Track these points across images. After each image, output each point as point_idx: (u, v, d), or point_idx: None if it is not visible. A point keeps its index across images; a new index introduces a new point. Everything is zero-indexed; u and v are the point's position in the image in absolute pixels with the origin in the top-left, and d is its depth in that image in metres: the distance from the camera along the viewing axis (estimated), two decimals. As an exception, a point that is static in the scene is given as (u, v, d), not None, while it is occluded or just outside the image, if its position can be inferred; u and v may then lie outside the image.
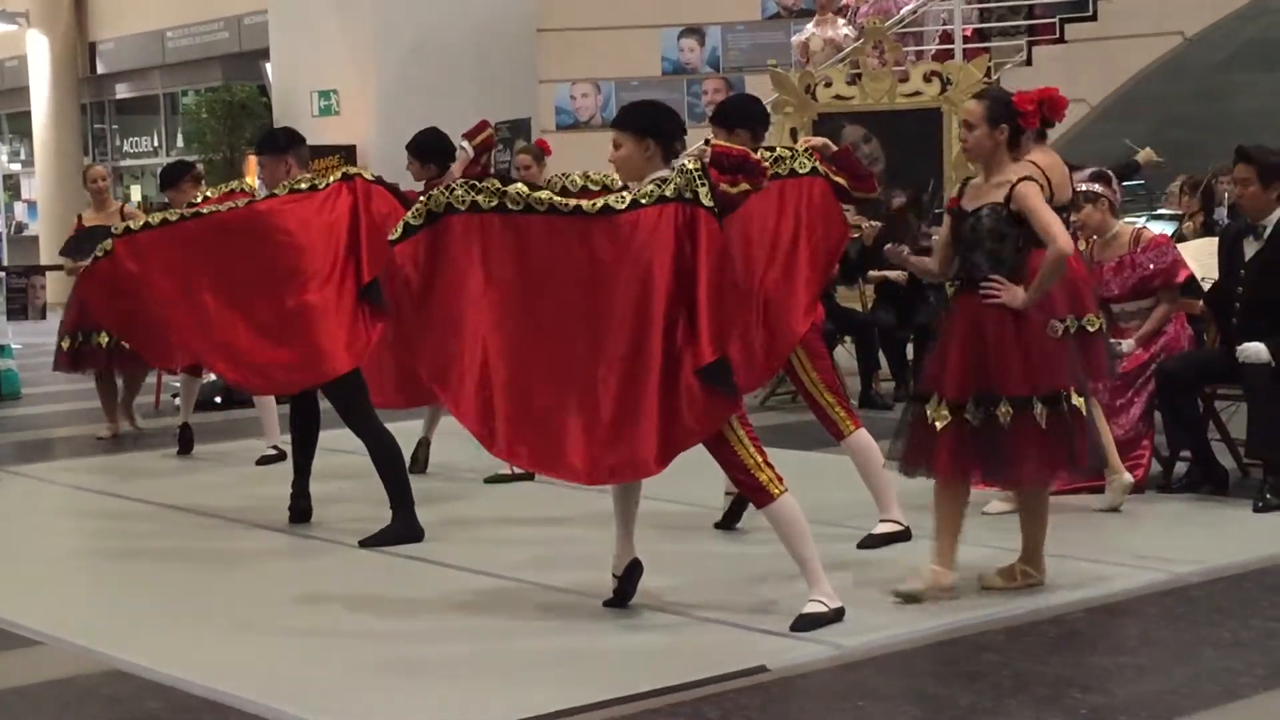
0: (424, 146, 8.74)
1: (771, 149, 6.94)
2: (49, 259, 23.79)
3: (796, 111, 13.75)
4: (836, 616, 5.64)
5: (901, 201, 11.89)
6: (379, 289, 7.01)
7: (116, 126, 30.24)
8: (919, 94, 13.54)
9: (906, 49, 15.00)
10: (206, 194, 8.59)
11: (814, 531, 6.17)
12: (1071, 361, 6.14)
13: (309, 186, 7.38)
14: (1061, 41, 15.77)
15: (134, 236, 7.46)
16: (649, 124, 5.74)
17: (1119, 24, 15.40)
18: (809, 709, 4.89)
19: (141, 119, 29.69)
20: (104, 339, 10.48)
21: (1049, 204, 6.18)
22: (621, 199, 5.55)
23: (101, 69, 29.36)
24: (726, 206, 5.62)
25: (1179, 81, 15.73)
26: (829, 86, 13.88)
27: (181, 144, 27.07)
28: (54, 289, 16.35)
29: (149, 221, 7.54)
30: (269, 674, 5.35)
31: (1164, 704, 4.83)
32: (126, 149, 29.72)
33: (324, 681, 5.27)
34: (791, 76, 14.19)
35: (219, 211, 7.48)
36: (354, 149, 21.28)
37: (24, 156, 30.77)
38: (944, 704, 4.87)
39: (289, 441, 8.02)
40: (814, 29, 15.60)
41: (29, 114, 27.96)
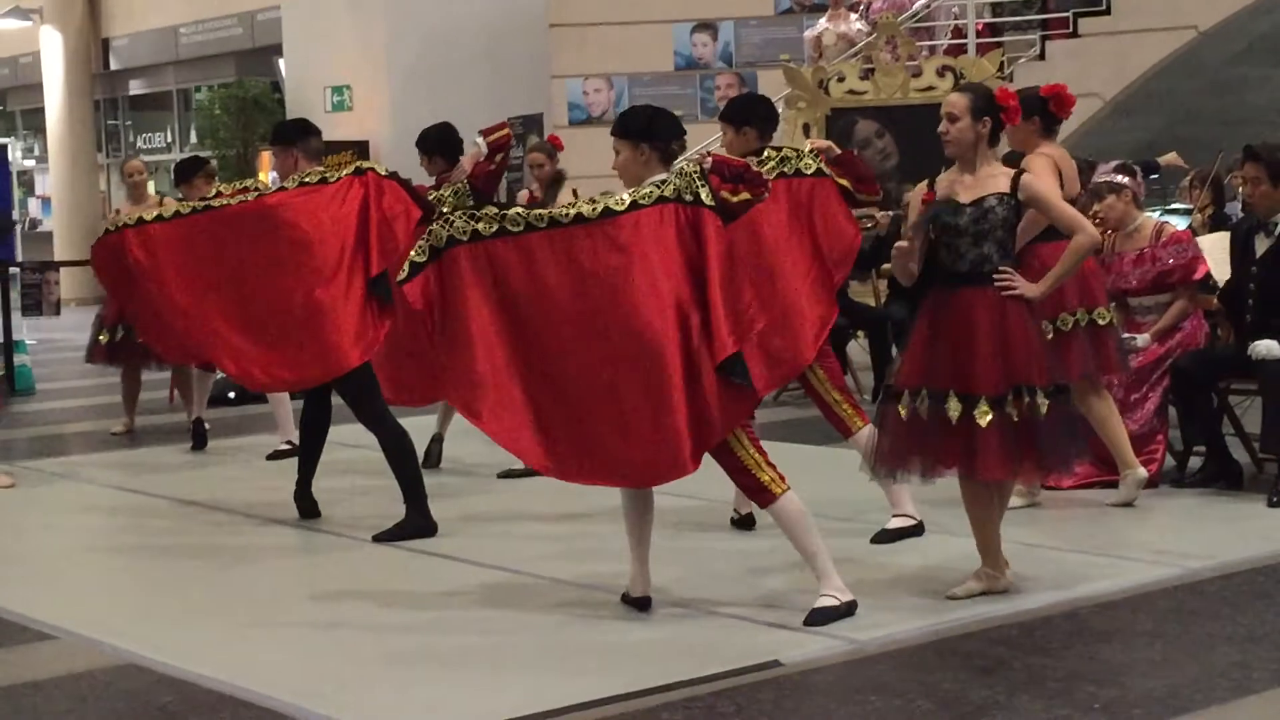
0: (428, 140, 8.81)
1: (778, 149, 6.94)
2: (63, 254, 23.86)
3: (809, 107, 13.75)
4: (849, 610, 5.65)
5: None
6: (387, 282, 7.05)
7: (130, 122, 30.30)
8: (932, 89, 13.56)
9: (919, 44, 15.00)
10: (220, 189, 8.60)
11: (826, 526, 6.16)
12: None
13: (320, 180, 7.40)
14: (1075, 36, 15.76)
15: (146, 227, 7.55)
16: (641, 129, 5.75)
17: (1132, 18, 15.37)
18: (822, 704, 4.89)
19: (155, 115, 29.75)
20: None
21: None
22: (621, 201, 5.57)
23: (115, 65, 29.42)
24: (727, 215, 5.64)
25: (1192, 76, 15.69)
26: (842, 81, 13.90)
27: (195, 140, 27.11)
28: (68, 284, 16.41)
29: (161, 214, 7.60)
30: (283, 668, 5.36)
31: (1177, 699, 4.82)
32: (140, 145, 29.75)
33: (337, 675, 5.28)
34: (804, 71, 14.20)
35: (229, 205, 7.51)
36: (367, 144, 21.31)
37: (38, 152, 30.80)
38: (957, 699, 4.87)
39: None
40: (827, 24, 15.61)
41: (43, 110, 27.99)
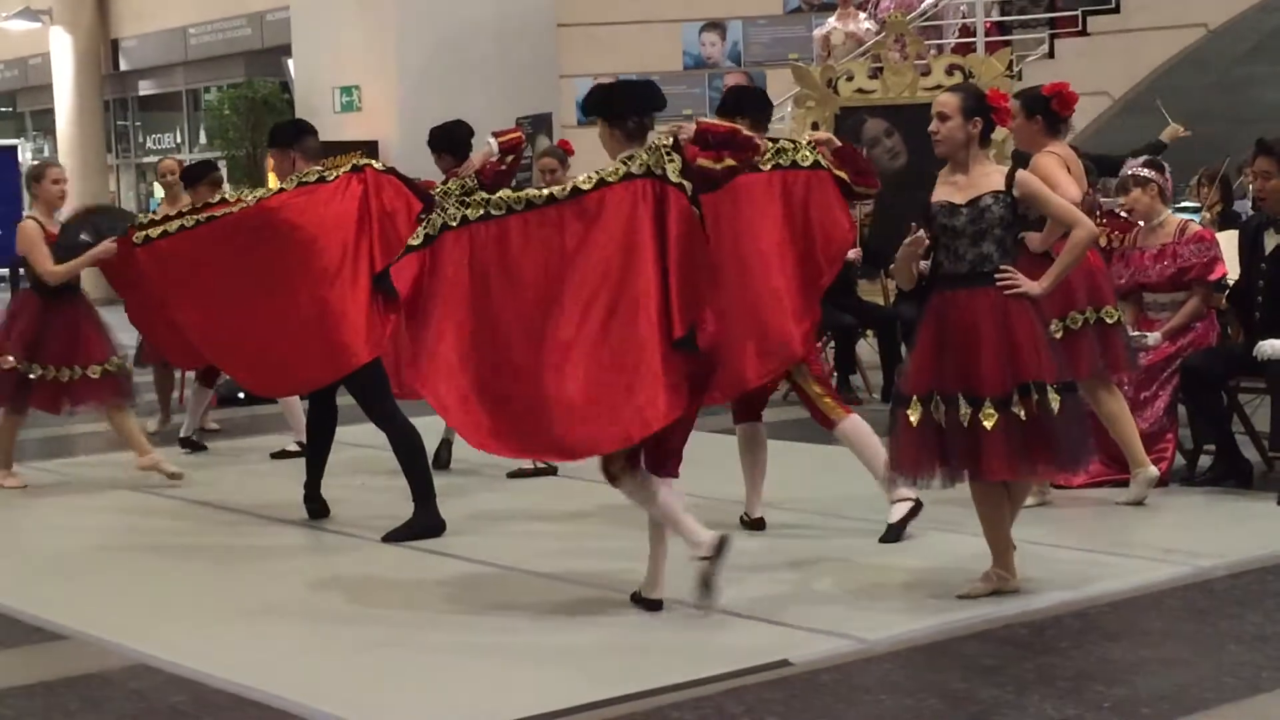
0: (433, 137, 8.92)
1: (775, 140, 6.95)
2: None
3: (818, 106, 13.74)
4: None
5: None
6: (390, 278, 7.08)
7: (139, 123, 30.35)
8: (941, 87, 13.49)
9: (928, 42, 14.98)
10: (225, 196, 8.62)
11: (836, 525, 6.18)
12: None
13: (317, 179, 7.40)
14: (1084, 34, 15.75)
15: (154, 245, 7.52)
16: (599, 105, 5.90)
17: (1141, 16, 15.36)
18: (831, 703, 4.89)
19: (164, 115, 29.79)
20: None
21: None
22: (590, 179, 5.71)
23: (124, 66, 29.46)
24: (708, 181, 5.74)
25: (1201, 74, 15.67)
26: (851, 80, 13.87)
27: (204, 140, 27.14)
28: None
29: (166, 229, 7.53)
30: (293, 668, 5.37)
31: (1187, 698, 4.81)
32: (149, 145, 29.80)
33: (347, 675, 5.29)
34: (813, 71, 14.18)
35: (230, 213, 7.47)
36: (376, 145, 21.30)
37: (48, 153, 30.84)
38: (967, 698, 4.86)
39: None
40: (835, 23, 15.59)
41: (53, 111, 28.03)
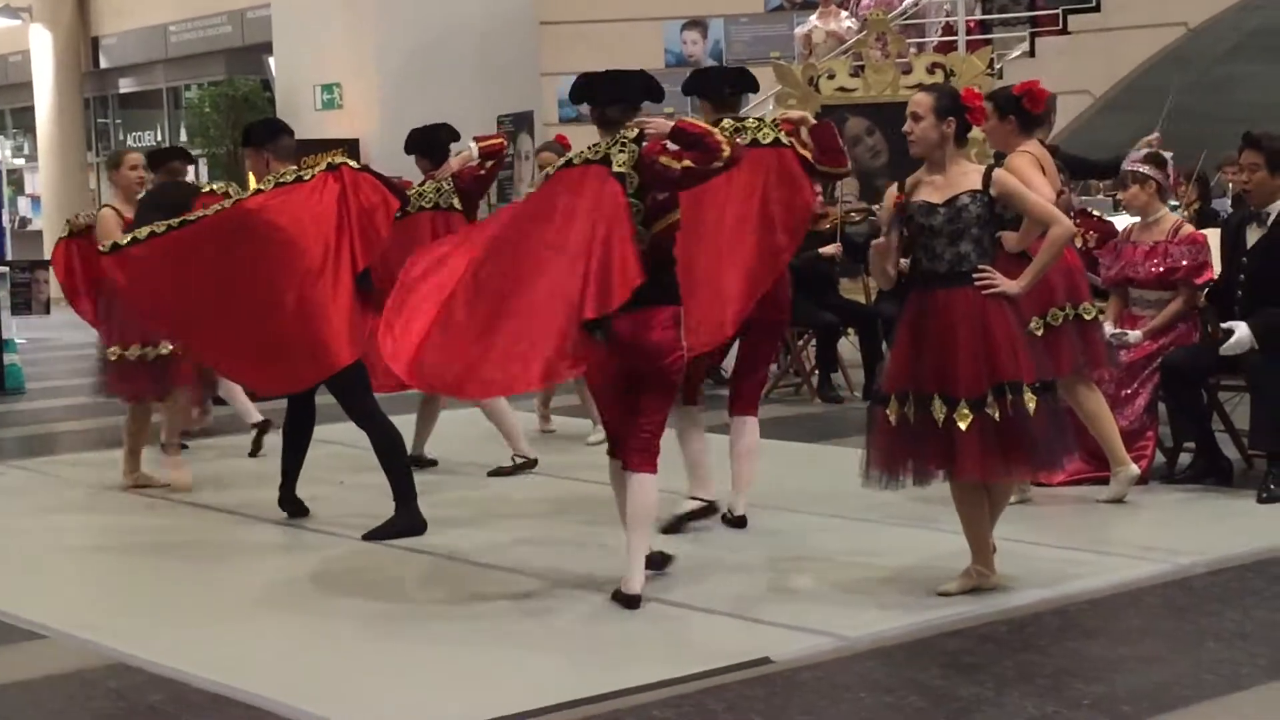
0: (410, 140, 9.09)
1: (740, 119, 6.95)
2: (52, 254, 23.77)
3: (800, 104, 13.72)
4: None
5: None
6: (370, 278, 7.15)
7: (119, 121, 30.24)
8: (922, 86, 13.51)
9: (909, 41, 14.99)
10: (212, 188, 8.52)
11: (815, 523, 6.14)
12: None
13: (295, 178, 7.35)
14: (1065, 32, 15.76)
15: (125, 251, 7.28)
16: (580, 92, 6.16)
17: (1122, 15, 15.38)
18: (812, 701, 4.89)
19: (144, 113, 29.68)
20: None
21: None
22: (565, 163, 6.00)
23: (104, 63, 29.35)
24: (663, 180, 5.82)
25: (1182, 72, 15.69)
26: (832, 79, 13.89)
27: (185, 138, 27.06)
28: (57, 284, 16.30)
29: (136, 236, 7.33)
30: (273, 667, 5.36)
31: (1167, 695, 4.83)
32: (130, 143, 29.67)
33: (328, 674, 5.28)
34: (795, 69, 14.19)
35: (206, 215, 7.33)
36: (357, 143, 21.27)
37: (27, 151, 30.77)
38: (947, 695, 4.87)
39: (279, 430, 7.99)
40: (817, 21, 15.60)
41: (32, 109, 27.94)
